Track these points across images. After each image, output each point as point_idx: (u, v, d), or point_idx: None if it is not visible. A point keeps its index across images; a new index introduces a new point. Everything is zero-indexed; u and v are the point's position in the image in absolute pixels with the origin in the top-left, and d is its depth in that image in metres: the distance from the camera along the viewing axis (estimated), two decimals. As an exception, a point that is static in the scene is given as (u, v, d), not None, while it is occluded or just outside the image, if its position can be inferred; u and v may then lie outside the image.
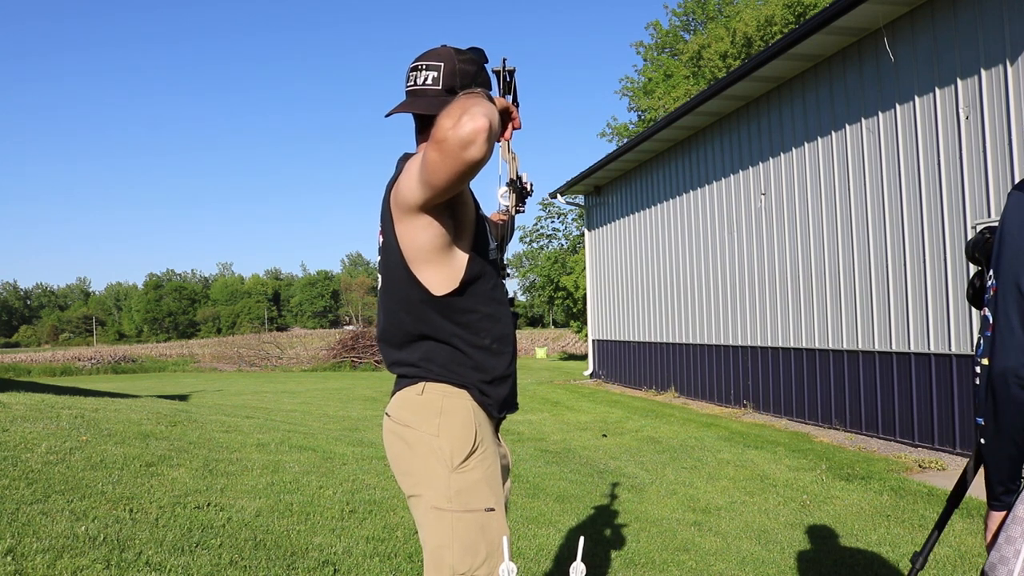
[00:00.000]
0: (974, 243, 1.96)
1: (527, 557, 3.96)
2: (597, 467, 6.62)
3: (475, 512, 1.75)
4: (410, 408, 1.83)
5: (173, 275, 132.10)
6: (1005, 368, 1.49)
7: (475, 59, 1.90)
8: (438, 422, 1.79)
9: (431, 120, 1.86)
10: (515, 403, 2.01)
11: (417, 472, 1.80)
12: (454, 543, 1.73)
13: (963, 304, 6.89)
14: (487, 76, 1.95)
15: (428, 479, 1.78)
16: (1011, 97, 6.40)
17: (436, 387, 1.82)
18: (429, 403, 1.81)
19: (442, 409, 1.80)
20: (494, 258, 1.92)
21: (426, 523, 1.78)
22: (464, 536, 1.73)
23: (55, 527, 3.51)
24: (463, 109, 1.50)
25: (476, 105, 1.50)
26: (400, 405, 1.86)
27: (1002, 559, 1.58)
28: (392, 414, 1.88)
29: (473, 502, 1.75)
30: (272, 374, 26.66)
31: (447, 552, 1.72)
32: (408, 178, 1.70)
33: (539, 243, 37.60)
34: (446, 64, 1.85)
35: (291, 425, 8.19)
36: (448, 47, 1.88)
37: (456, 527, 1.73)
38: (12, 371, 30.91)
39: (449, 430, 1.79)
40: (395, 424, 1.86)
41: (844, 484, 5.90)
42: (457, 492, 1.75)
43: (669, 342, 13.20)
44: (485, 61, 1.94)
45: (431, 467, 1.77)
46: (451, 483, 1.75)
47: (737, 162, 10.82)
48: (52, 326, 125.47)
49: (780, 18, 27.19)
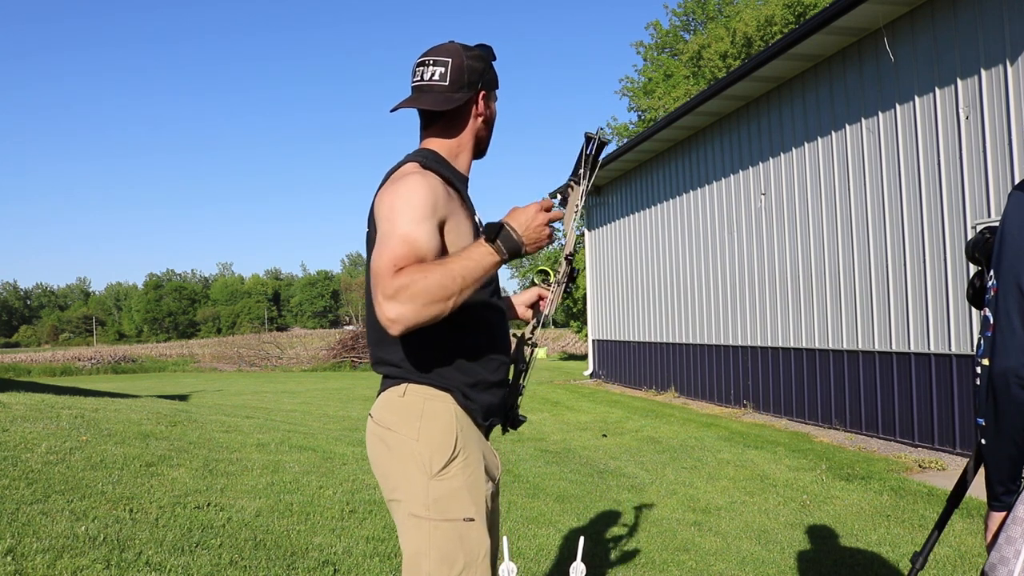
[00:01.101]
0: (974, 243, 1.96)
1: (527, 557, 3.96)
2: (597, 467, 6.62)
3: (453, 521, 1.70)
4: (391, 410, 1.78)
5: (173, 275, 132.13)
6: (1006, 368, 1.49)
7: (483, 56, 1.86)
8: (418, 426, 1.74)
9: (437, 116, 1.84)
10: (510, 414, 1.93)
11: (396, 477, 1.75)
12: (431, 551, 1.69)
13: (963, 304, 6.89)
14: (494, 75, 1.91)
15: (406, 485, 1.73)
16: (1011, 97, 6.40)
17: (418, 389, 1.77)
18: (410, 405, 1.76)
19: (423, 412, 1.75)
20: None
21: (404, 529, 1.74)
22: (441, 545, 1.69)
23: (55, 527, 3.51)
24: (396, 290, 1.50)
25: (413, 284, 1.50)
26: (382, 407, 1.81)
27: (1002, 559, 1.58)
28: (375, 416, 1.83)
29: (452, 511, 1.70)
30: (272, 374, 26.67)
31: (424, 560, 1.69)
32: (376, 253, 1.62)
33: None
34: (454, 59, 1.80)
35: (291, 425, 8.20)
36: (456, 43, 1.84)
37: (433, 535, 1.69)
38: (12, 371, 30.92)
39: (429, 435, 1.73)
40: (377, 426, 1.81)
41: (844, 484, 5.89)
42: (435, 500, 1.70)
43: (669, 342, 13.20)
44: (493, 58, 1.89)
45: (410, 473, 1.73)
46: (429, 490, 1.70)
47: (737, 162, 10.82)
48: (52, 326, 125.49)
49: (780, 18, 27.20)
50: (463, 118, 1.85)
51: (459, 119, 1.85)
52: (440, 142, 1.86)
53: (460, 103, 1.81)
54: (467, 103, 1.84)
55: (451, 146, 1.86)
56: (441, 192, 1.71)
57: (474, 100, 1.85)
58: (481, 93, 1.85)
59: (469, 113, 1.85)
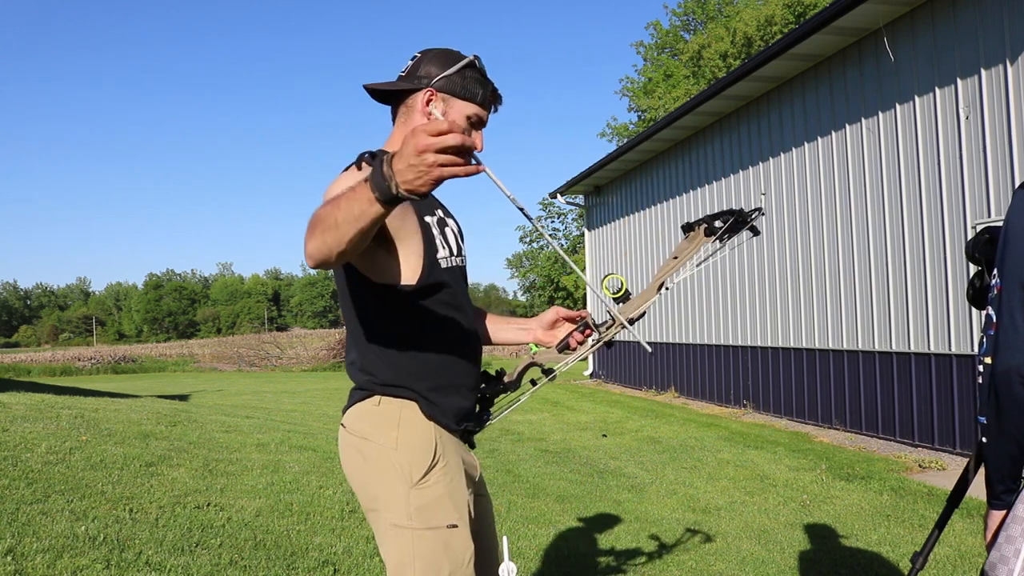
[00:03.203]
0: (974, 243, 1.96)
1: (527, 557, 3.96)
2: (597, 467, 6.62)
3: (437, 529, 1.68)
4: (367, 419, 1.76)
5: (173, 275, 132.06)
6: (1009, 367, 1.49)
7: (449, 60, 1.78)
8: (396, 435, 1.72)
9: (393, 109, 1.85)
10: (479, 418, 1.90)
11: (375, 487, 1.73)
12: (415, 561, 1.67)
13: (963, 304, 6.89)
14: (466, 84, 1.79)
15: (386, 495, 1.71)
16: (1011, 97, 6.40)
17: (392, 399, 1.75)
18: (387, 414, 1.74)
19: (400, 420, 1.73)
20: (448, 266, 1.81)
21: (386, 540, 1.72)
22: (426, 554, 1.67)
23: (55, 527, 3.51)
24: (317, 219, 1.40)
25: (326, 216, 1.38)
26: (356, 417, 1.78)
27: (1002, 558, 1.58)
28: (348, 425, 1.79)
29: (435, 519, 1.69)
30: (272, 374, 26.66)
31: (408, 570, 1.67)
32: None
33: (539, 243, 37.62)
34: (422, 55, 1.81)
35: (291, 425, 8.19)
36: (449, 49, 1.83)
37: (417, 545, 1.67)
38: (12, 371, 30.89)
39: (408, 443, 1.71)
40: (351, 436, 1.78)
41: (844, 484, 5.89)
42: (417, 509, 1.68)
43: (669, 342, 13.20)
44: (472, 66, 1.80)
45: (389, 482, 1.70)
46: (411, 499, 1.68)
47: (737, 162, 10.82)
48: (52, 326, 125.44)
49: (780, 18, 27.22)
50: (410, 114, 1.81)
51: (407, 114, 1.82)
52: (392, 137, 1.86)
53: (394, 89, 1.79)
54: (409, 94, 1.79)
55: (396, 141, 1.84)
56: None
57: (418, 95, 1.78)
58: (428, 91, 1.77)
59: (415, 109, 1.80)
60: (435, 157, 1.22)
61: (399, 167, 1.26)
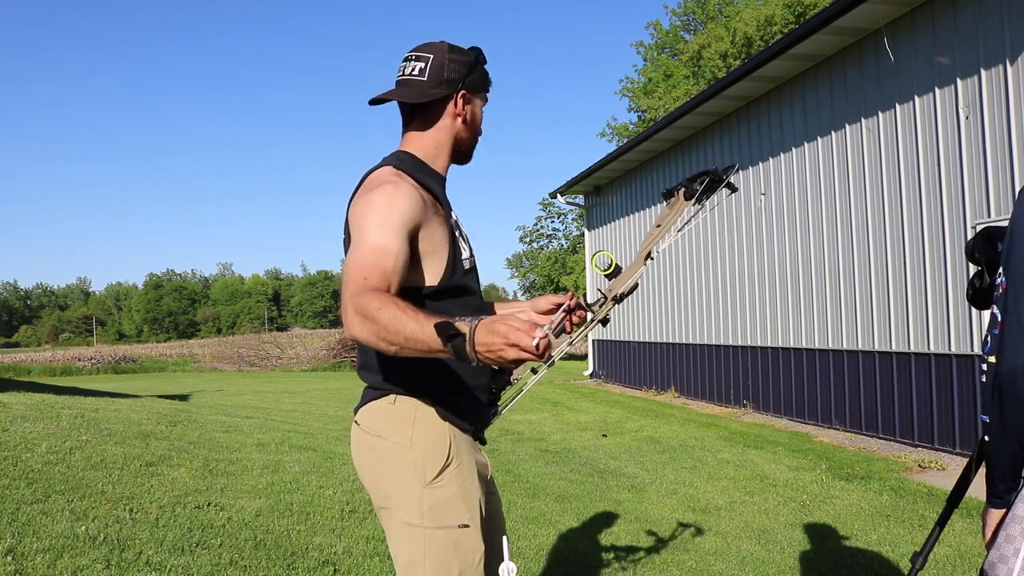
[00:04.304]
0: (974, 243, 1.96)
1: (527, 557, 3.96)
2: (597, 467, 6.62)
3: (448, 529, 1.68)
4: (381, 417, 1.76)
5: (173, 275, 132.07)
6: (1013, 366, 1.49)
7: (469, 59, 1.82)
8: (411, 433, 1.72)
9: (415, 113, 1.83)
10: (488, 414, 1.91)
11: (388, 485, 1.73)
12: (426, 560, 1.67)
13: (963, 304, 6.89)
14: (481, 79, 1.86)
15: (399, 493, 1.71)
16: (1011, 97, 6.40)
17: (407, 398, 1.75)
18: (402, 413, 1.74)
19: (415, 419, 1.73)
20: (469, 268, 1.83)
21: (397, 538, 1.72)
22: (437, 553, 1.67)
23: (55, 527, 3.51)
24: (357, 306, 1.43)
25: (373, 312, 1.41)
26: (370, 414, 1.78)
27: (1002, 558, 1.58)
28: (362, 422, 1.80)
29: (447, 518, 1.69)
30: (272, 374, 26.65)
31: (419, 569, 1.67)
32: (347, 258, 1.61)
33: (539, 243, 37.65)
34: (436, 56, 1.79)
35: (291, 425, 8.19)
36: (445, 43, 1.84)
37: (428, 544, 1.67)
38: (12, 371, 30.89)
39: (423, 442, 1.71)
40: (365, 433, 1.78)
41: (844, 484, 5.89)
42: (430, 508, 1.68)
43: (669, 342, 13.20)
44: (483, 62, 1.86)
45: (403, 481, 1.70)
46: (424, 498, 1.68)
47: (737, 162, 10.81)
48: (52, 326, 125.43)
49: (780, 18, 27.22)
50: (440, 117, 1.82)
51: (436, 118, 1.82)
52: (418, 143, 1.84)
53: (434, 98, 1.79)
54: (443, 100, 1.81)
55: (428, 147, 1.84)
56: (415, 198, 1.67)
57: (452, 99, 1.81)
58: (461, 93, 1.81)
59: (446, 112, 1.82)
60: (517, 354, 1.29)
61: (484, 354, 1.30)
